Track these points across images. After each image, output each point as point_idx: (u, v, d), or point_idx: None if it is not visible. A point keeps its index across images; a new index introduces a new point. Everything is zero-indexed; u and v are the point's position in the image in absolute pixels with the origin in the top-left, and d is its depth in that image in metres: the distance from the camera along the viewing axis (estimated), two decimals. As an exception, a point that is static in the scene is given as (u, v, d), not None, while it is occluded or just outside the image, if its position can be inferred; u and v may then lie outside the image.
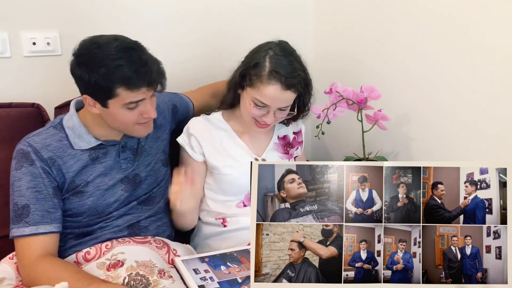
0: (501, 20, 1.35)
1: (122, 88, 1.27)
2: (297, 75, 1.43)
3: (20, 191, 1.31)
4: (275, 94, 1.41)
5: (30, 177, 1.32)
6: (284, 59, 1.43)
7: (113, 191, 1.42)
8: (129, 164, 1.45)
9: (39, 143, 1.35)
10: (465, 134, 1.49)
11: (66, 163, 1.36)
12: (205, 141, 1.55)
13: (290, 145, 1.65)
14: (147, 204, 1.49)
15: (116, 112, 1.31)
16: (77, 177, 1.37)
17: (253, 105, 1.45)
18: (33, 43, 1.71)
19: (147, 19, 1.85)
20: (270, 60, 1.42)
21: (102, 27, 1.79)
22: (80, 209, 1.39)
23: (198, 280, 1.29)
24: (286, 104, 1.46)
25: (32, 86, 1.74)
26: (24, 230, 1.29)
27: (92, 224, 1.41)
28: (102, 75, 1.25)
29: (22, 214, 1.30)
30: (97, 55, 1.26)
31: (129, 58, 1.27)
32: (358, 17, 1.87)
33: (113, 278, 1.28)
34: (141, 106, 1.32)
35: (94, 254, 1.37)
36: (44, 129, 1.42)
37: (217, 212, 1.58)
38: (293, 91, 1.44)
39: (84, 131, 1.38)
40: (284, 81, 1.40)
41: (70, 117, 1.41)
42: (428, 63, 1.58)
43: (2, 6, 1.66)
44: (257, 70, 1.42)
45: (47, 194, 1.33)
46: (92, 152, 1.40)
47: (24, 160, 1.33)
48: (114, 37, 1.31)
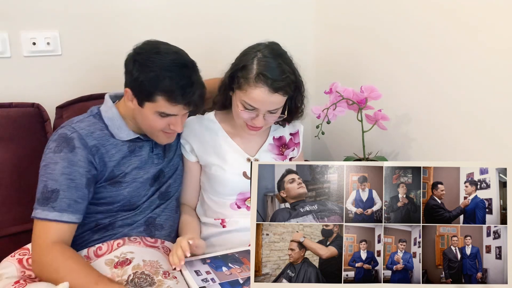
0: (501, 20, 1.35)
1: (162, 97, 1.33)
2: (285, 78, 1.40)
3: (54, 175, 1.32)
4: (263, 97, 1.40)
5: (67, 163, 1.33)
6: (272, 61, 1.41)
7: (145, 185, 1.46)
8: (160, 159, 1.51)
9: (84, 130, 1.38)
10: (465, 134, 1.49)
11: (109, 151, 1.40)
12: (196, 141, 1.57)
13: (285, 146, 1.65)
14: (164, 198, 1.53)
15: (148, 115, 1.37)
16: (116, 167, 1.41)
17: (242, 107, 1.44)
18: (33, 43, 1.71)
19: (147, 19, 1.85)
20: (258, 62, 1.41)
21: (102, 27, 1.80)
22: (116, 198, 1.42)
23: (200, 282, 1.30)
24: (275, 107, 1.44)
25: (32, 86, 1.74)
26: (48, 214, 1.30)
27: (118, 217, 1.43)
28: (149, 78, 1.32)
29: (50, 198, 1.31)
30: (153, 59, 1.33)
31: (179, 74, 1.34)
32: (358, 17, 1.87)
33: (118, 275, 1.30)
34: (172, 118, 1.38)
35: (105, 250, 1.39)
36: (85, 116, 1.44)
37: (215, 212, 1.58)
38: (282, 94, 1.42)
39: (123, 123, 1.44)
40: (271, 84, 1.38)
41: (109, 108, 1.45)
42: (428, 63, 1.58)
43: (2, 6, 1.66)
44: (245, 72, 1.41)
45: (80, 184, 1.34)
46: (130, 144, 1.44)
47: (65, 145, 1.34)
48: (176, 50, 1.39)
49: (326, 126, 1.58)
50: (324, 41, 2.10)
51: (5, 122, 1.57)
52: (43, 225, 1.30)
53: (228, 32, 1.99)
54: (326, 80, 1.68)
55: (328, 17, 2.06)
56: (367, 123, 1.61)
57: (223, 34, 1.99)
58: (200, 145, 1.57)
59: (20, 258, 1.35)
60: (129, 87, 1.37)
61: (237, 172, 1.55)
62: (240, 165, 1.55)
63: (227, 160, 1.55)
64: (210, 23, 1.96)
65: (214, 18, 1.97)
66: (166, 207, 1.52)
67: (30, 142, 1.58)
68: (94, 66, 1.79)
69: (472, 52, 1.43)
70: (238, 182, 1.54)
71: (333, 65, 2.03)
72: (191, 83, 1.35)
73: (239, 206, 1.57)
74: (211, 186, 1.58)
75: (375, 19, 1.78)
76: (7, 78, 1.71)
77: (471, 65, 1.45)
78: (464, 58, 1.46)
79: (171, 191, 1.55)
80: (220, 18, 1.98)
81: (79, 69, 1.80)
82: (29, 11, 1.69)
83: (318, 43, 2.13)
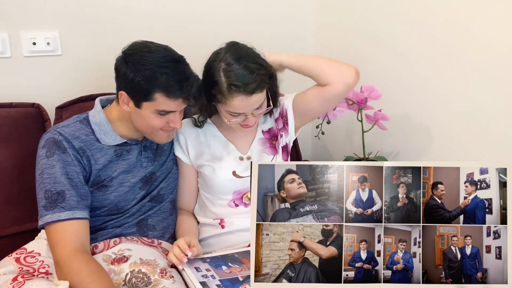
0: (502, 20, 1.35)
1: (161, 94, 1.32)
2: (256, 77, 1.38)
3: (54, 178, 1.33)
4: (242, 103, 1.40)
5: (63, 164, 1.34)
6: (237, 66, 1.38)
7: (133, 188, 1.46)
8: (149, 163, 1.50)
9: (69, 134, 1.39)
10: (465, 134, 1.49)
11: (94, 155, 1.40)
12: (190, 143, 1.56)
13: (275, 137, 1.62)
14: (156, 201, 1.52)
15: (146, 115, 1.36)
16: (102, 171, 1.41)
17: (229, 117, 1.45)
18: (33, 43, 1.71)
19: (147, 19, 1.85)
20: (225, 74, 1.39)
21: (102, 27, 1.80)
22: (102, 203, 1.42)
23: (200, 277, 1.30)
24: (258, 104, 1.44)
25: (32, 86, 1.75)
26: (60, 215, 1.29)
27: (107, 220, 1.44)
28: (146, 77, 1.31)
29: (58, 200, 1.31)
30: (146, 58, 1.32)
31: (174, 69, 1.33)
32: (359, 17, 1.87)
33: (115, 272, 1.31)
34: (171, 115, 1.38)
35: (102, 248, 1.40)
36: (70, 122, 1.44)
37: (213, 212, 1.58)
38: (259, 92, 1.41)
39: (110, 128, 1.43)
40: (245, 90, 1.37)
41: (96, 113, 1.45)
42: (428, 63, 1.58)
43: (2, 6, 1.66)
44: (217, 88, 1.40)
45: (79, 181, 1.35)
46: (117, 148, 1.44)
47: (56, 148, 1.35)
48: (164, 47, 1.38)
49: (326, 126, 1.58)
50: (324, 41, 2.10)
51: (5, 122, 1.57)
52: (57, 229, 1.29)
53: (228, 31, 1.98)
54: (326, 80, 1.67)
55: (328, 17, 2.07)
56: (367, 123, 1.61)
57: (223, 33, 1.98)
58: (194, 147, 1.57)
59: (18, 257, 1.35)
60: (123, 90, 1.35)
61: (228, 171, 1.54)
62: (231, 164, 1.55)
63: (219, 160, 1.55)
64: (210, 23, 1.96)
65: (214, 18, 1.97)
66: (159, 209, 1.52)
67: (30, 142, 1.57)
68: (94, 66, 1.79)
69: (472, 52, 1.43)
70: (230, 181, 1.54)
71: (333, 65, 2.03)
72: (187, 77, 1.34)
73: (236, 204, 1.57)
74: (207, 186, 1.58)
75: (375, 19, 1.79)
76: (7, 78, 1.71)
77: (471, 65, 1.45)
78: (464, 58, 1.46)
79: (164, 194, 1.54)
80: (220, 18, 1.98)
81: (79, 69, 1.80)
82: (29, 11, 1.69)
83: (318, 43, 2.13)
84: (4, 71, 1.70)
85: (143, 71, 1.31)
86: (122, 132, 1.45)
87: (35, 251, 1.37)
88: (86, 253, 1.30)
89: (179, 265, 1.34)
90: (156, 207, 1.52)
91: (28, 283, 1.21)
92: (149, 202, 1.50)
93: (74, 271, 1.24)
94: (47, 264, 1.34)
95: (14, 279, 1.23)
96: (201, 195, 1.63)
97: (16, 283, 1.22)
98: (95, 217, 1.42)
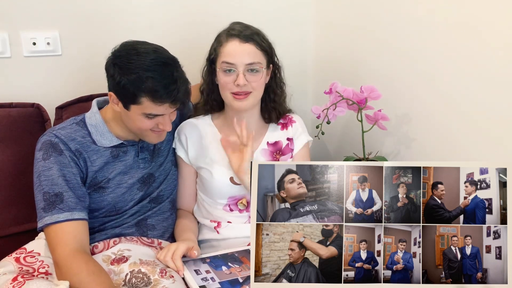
0: (502, 20, 1.34)
1: (147, 98, 1.31)
2: (252, 31, 1.50)
3: (52, 180, 1.33)
4: (236, 47, 1.47)
5: (60, 166, 1.35)
6: (238, 23, 1.53)
7: (131, 189, 1.46)
8: (146, 164, 1.50)
9: (65, 136, 1.39)
10: (465, 134, 1.49)
11: (90, 157, 1.40)
12: (191, 144, 1.57)
13: (280, 152, 1.62)
14: (156, 202, 1.53)
15: (135, 117, 1.36)
16: (99, 172, 1.41)
17: (222, 73, 1.47)
18: (33, 43, 1.71)
19: (147, 19, 1.85)
20: (226, 30, 1.52)
21: (102, 27, 1.80)
22: (100, 205, 1.42)
23: (200, 281, 1.30)
24: (251, 59, 1.47)
25: (32, 86, 1.74)
26: (59, 216, 1.30)
27: (106, 221, 1.44)
28: (131, 81, 1.30)
29: (56, 201, 1.31)
30: (133, 61, 1.31)
31: (161, 73, 1.31)
32: (358, 17, 1.87)
33: (115, 272, 1.31)
34: (160, 118, 1.37)
35: (101, 248, 1.40)
36: (67, 124, 1.44)
37: (209, 213, 1.59)
38: (253, 44, 1.48)
39: (106, 129, 1.43)
40: (238, 35, 1.48)
41: (93, 115, 1.45)
42: (428, 63, 1.58)
43: (2, 6, 1.66)
44: (218, 41, 1.51)
45: (77, 183, 1.36)
46: (113, 150, 1.44)
47: (52, 150, 1.36)
48: (154, 48, 1.36)
49: (326, 126, 1.58)
50: (324, 41, 2.10)
51: (5, 122, 1.57)
52: (57, 230, 1.30)
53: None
54: (326, 80, 1.67)
55: (328, 17, 2.06)
56: (367, 123, 1.61)
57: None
58: (195, 148, 1.57)
59: (17, 257, 1.35)
60: (112, 91, 1.36)
61: (225, 177, 1.54)
62: (229, 170, 1.54)
63: (217, 165, 1.55)
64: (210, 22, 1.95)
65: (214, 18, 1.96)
66: (159, 209, 1.53)
67: (30, 142, 1.57)
68: (94, 66, 1.78)
69: (472, 52, 1.43)
70: (226, 187, 1.54)
71: (333, 65, 2.03)
72: (174, 80, 1.33)
73: (231, 209, 1.57)
74: (204, 188, 1.58)
75: (375, 19, 1.78)
76: (7, 78, 1.71)
77: (471, 65, 1.45)
78: (464, 58, 1.46)
79: (164, 195, 1.55)
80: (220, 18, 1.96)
81: (79, 69, 1.80)
82: (29, 11, 1.69)
83: (318, 43, 2.13)
84: (4, 71, 1.70)
85: (129, 75, 1.30)
86: (118, 133, 1.45)
87: (34, 251, 1.37)
88: (85, 253, 1.30)
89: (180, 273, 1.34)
90: (156, 207, 1.52)
91: (28, 283, 1.20)
92: (148, 203, 1.51)
93: (73, 271, 1.25)
94: (47, 264, 1.34)
95: (14, 279, 1.23)
96: (198, 196, 1.63)
97: (16, 283, 1.21)
98: (93, 219, 1.42)
